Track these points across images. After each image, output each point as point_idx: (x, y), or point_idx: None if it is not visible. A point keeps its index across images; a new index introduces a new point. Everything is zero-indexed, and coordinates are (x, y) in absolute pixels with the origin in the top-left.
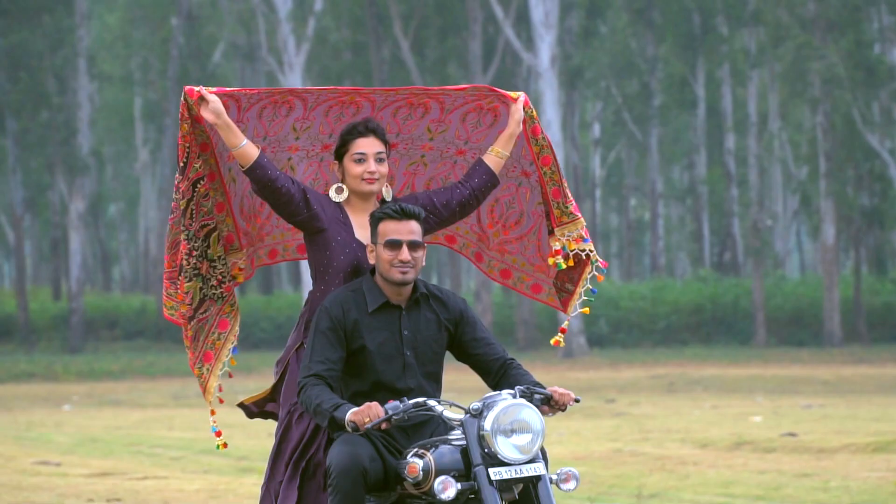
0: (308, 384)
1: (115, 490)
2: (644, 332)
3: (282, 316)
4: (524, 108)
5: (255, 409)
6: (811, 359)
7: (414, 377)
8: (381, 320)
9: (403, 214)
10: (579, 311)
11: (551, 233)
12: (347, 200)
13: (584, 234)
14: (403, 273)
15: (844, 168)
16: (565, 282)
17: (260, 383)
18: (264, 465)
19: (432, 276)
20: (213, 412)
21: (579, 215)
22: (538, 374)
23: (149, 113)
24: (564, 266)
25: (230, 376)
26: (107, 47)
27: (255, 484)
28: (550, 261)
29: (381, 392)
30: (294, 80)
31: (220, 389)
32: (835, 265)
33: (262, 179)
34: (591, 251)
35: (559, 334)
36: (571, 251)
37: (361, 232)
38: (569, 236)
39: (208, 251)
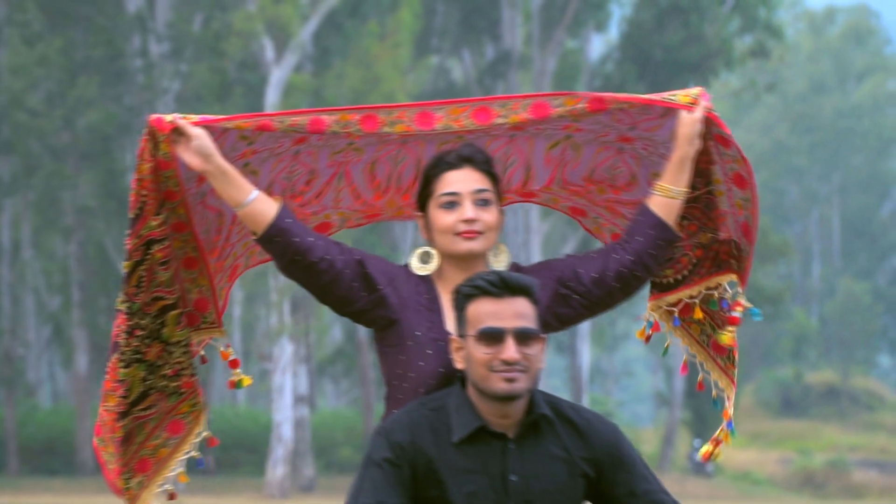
0: None
1: None
2: None
3: None
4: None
5: None
6: (64, 488)
7: None
8: (473, 457)
9: (506, 288)
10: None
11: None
12: (438, 272)
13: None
14: (510, 381)
15: (97, 297)
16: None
17: None
18: None
19: None
20: None
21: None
22: None
23: None
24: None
25: (172, 497)
26: None
27: None
28: (725, 339)
29: None
30: None
31: None
32: (87, 394)
33: (286, 251)
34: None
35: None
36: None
37: None
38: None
39: (162, 331)
